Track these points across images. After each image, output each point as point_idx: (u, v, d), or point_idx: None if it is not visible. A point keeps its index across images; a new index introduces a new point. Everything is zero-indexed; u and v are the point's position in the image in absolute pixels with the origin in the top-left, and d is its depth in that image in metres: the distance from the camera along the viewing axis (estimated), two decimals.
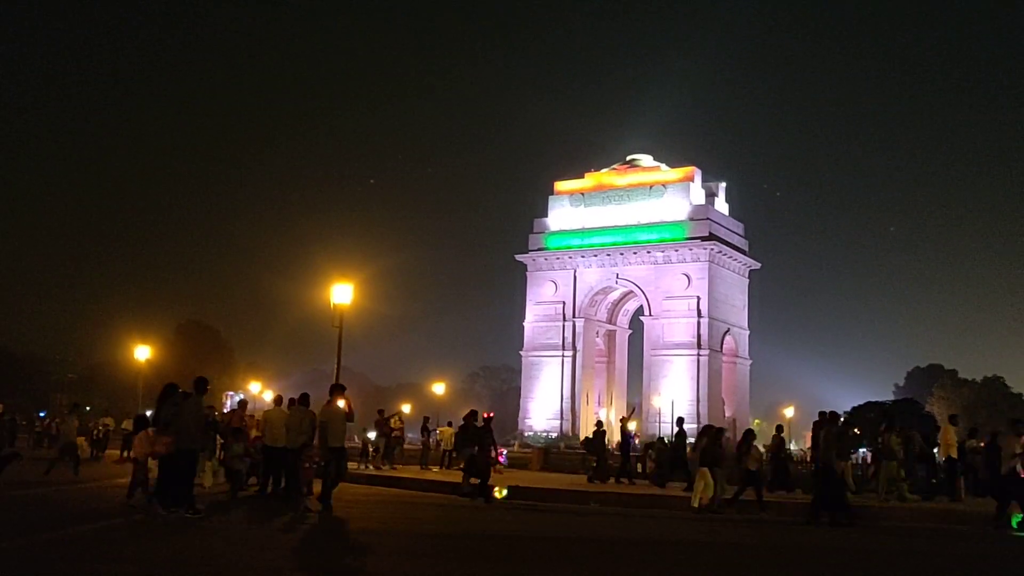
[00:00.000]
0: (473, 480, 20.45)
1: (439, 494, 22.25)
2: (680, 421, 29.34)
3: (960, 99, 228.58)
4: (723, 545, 14.22)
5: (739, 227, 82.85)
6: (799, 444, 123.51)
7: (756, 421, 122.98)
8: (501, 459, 20.13)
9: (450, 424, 34.09)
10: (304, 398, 20.54)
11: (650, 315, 76.05)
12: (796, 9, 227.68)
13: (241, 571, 10.28)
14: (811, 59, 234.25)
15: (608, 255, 77.58)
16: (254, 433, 22.67)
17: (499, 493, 20.20)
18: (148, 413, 21.86)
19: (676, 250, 75.06)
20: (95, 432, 36.52)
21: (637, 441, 30.08)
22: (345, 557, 11.90)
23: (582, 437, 77.96)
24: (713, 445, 19.71)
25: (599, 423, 30.02)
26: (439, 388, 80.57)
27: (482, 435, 20.87)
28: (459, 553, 12.38)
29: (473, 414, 22.02)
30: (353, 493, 20.32)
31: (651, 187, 78.18)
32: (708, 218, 75.83)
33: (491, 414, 22.20)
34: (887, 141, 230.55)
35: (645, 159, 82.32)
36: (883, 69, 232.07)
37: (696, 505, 18.70)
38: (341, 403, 17.03)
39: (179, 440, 15.22)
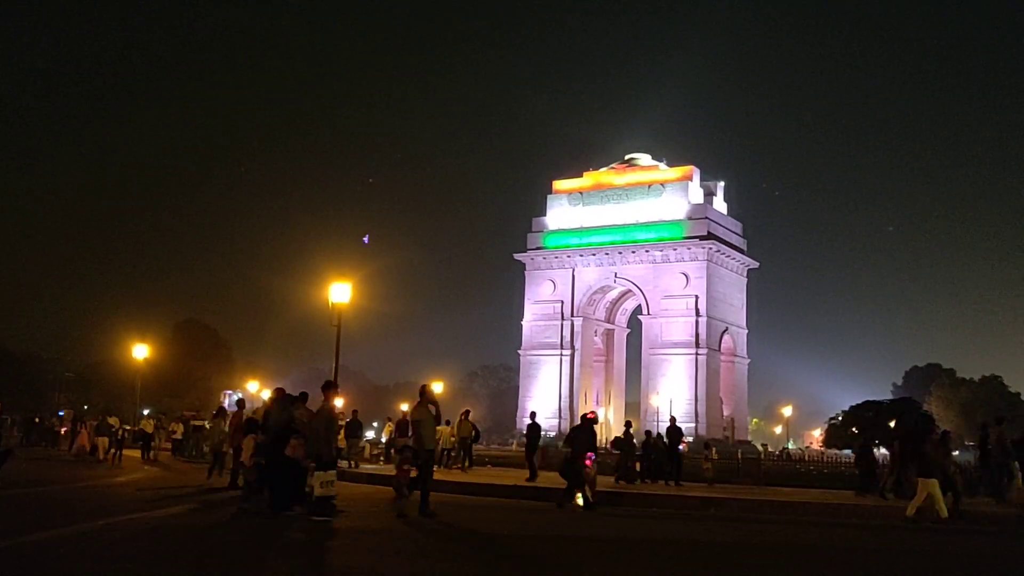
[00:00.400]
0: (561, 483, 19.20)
1: (446, 494, 22.21)
2: (672, 421, 29.15)
3: (959, 99, 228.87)
4: (722, 544, 14.22)
5: (737, 226, 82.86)
6: (797, 443, 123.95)
7: (754, 420, 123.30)
8: (588, 463, 19.10)
9: (447, 423, 34.06)
10: (304, 396, 20.60)
11: (648, 314, 76.05)
12: (795, 9, 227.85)
13: (242, 571, 10.26)
14: (810, 59, 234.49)
15: (606, 254, 77.58)
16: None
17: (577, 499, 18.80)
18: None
19: (674, 249, 75.05)
20: (119, 432, 34.92)
21: (683, 446, 28.14)
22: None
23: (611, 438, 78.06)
24: (937, 453, 18.59)
25: (628, 423, 29.26)
26: (437, 387, 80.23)
27: (592, 438, 19.65)
28: (464, 552, 12.37)
29: (588, 416, 20.44)
30: (352, 493, 20.27)
31: (649, 186, 78.17)
32: (706, 217, 75.84)
33: (594, 415, 20.41)
34: (886, 141, 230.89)
35: (643, 158, 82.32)
36: (882, 69, 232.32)
37: (945, 516, 17.26)
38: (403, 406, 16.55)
39: (309, 444, 15.33)
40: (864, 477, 23.54)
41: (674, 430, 27.28)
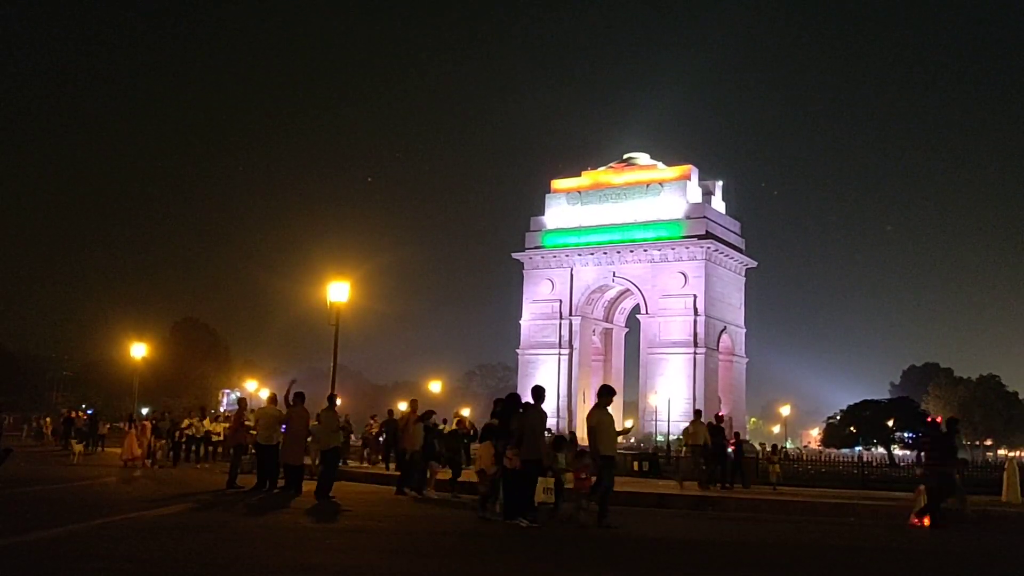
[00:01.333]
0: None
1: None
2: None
3: (957, 98, 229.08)
4: (722, 544, 14.21)
5: (736, 225, 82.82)
6: (795, 443, 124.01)
7: (753, 419, 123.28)
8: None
9: (444, 421, 34.23)
10: (301, 396, 20.60)
11: (647, 313, 76.00)
12: (794, 8, 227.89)
13: (240, 571, 10.23)
14: (809, 58, 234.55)
15: (605, 253, 77.52)
16: (252, 431, 22.72)
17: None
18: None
19: (673, 248, 74.99)
20: (177, 434, 30.75)
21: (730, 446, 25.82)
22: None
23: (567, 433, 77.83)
24: None
25: (718, 419, 27.44)
26: (435, 386, 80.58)
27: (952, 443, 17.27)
28: (473, 553, 12.35)
29: (952, 422, 17.79)
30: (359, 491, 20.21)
31: (648, 185, 78.10)
32: (705, 216, 75.78)
33: (940, 418, 18.17)
34: (884, 140, 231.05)
35: (642, 157, 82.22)
36: (881, 68, 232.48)
37: None
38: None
39: (524, 451, 14.97)
40: None
41: (717, 430, 25.78)
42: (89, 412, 54.20)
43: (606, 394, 15.41)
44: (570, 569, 11.17)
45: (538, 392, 15.68)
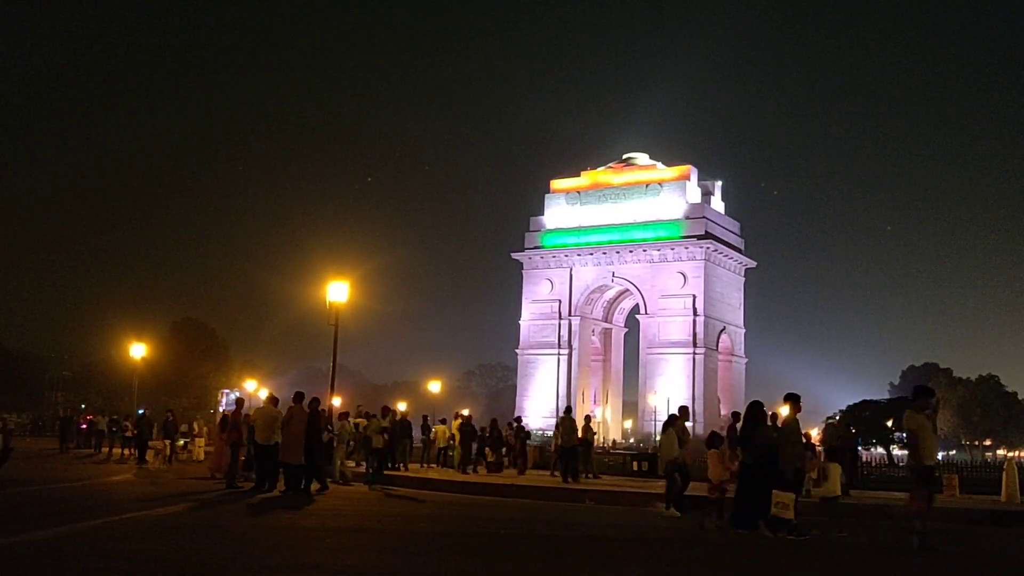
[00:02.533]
0: None
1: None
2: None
3: (957, 97, 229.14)
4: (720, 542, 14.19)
5: (735, 225, 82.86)
6: None
7: None
8: None
9: (443, 422, 34.31)
10: (300, 395, 20.63)
11: (646, 313, 76.04)
12: (793, 7, 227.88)
13: (239, 570, 10.22)
14: (808, 58, 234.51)
15: (604, 253, 77.57)
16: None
17: None
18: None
19: (672, 248, 75.04)
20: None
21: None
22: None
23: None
24: None
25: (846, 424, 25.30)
26: (435, 386, 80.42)
27: None
28: (477, 551, 12.35)
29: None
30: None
31: (647, 185, 78.15)
32: (704, 216, 75.83)
33: None
34: (884, 140, 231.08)
35: (641, 157, 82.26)
36: (880, 67, 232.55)
37: None
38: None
39: (782, 461, 14.55)
40: None
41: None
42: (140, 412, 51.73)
43: (924, 395, 12.95)
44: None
45: (794, 399, 14.99)
